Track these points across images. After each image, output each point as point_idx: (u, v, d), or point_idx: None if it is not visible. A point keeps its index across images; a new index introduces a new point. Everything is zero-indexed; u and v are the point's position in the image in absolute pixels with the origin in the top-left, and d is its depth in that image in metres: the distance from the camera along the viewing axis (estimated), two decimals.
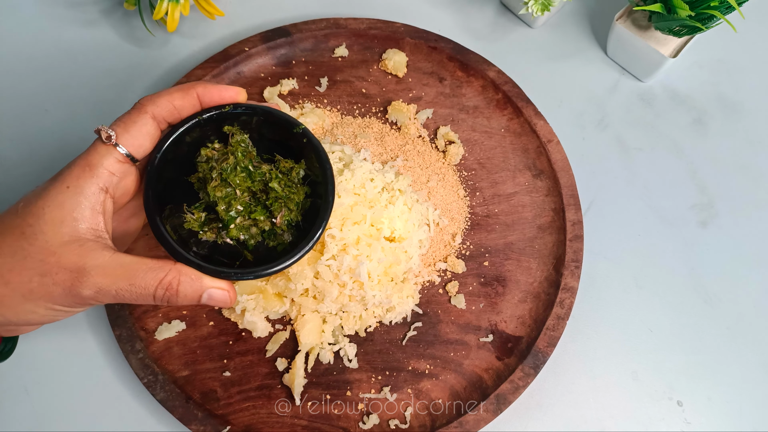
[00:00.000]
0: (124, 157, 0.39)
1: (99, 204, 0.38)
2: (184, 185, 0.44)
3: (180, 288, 0.38)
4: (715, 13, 0.57)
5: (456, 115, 0.64)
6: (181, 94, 0.41)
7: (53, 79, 0.66)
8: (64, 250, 0.37)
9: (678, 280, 0.60)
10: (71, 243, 0.37)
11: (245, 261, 0.44)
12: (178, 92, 0.41)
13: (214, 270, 0.40)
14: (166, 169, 0.42)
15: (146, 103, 0.40)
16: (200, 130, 0.43)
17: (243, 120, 0.44)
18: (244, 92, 0.43)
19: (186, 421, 0.51)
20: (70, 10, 0.70)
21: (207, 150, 0.43)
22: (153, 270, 0.38)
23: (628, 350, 0.58)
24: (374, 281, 0.53)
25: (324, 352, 0.54)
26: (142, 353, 0.53)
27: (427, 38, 0.65)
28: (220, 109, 0.42)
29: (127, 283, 0.37)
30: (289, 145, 0.45)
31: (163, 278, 0.38)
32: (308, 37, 0.65)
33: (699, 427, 0.55)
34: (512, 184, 0.61)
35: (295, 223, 0.45)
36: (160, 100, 0.40)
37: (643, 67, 0.66)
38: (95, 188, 0.38)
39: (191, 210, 0.43)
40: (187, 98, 0.41)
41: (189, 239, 0.43)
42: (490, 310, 0.57)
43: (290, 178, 0.45)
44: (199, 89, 0.41)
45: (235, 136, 0.44)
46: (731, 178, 0.65)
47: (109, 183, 0.38)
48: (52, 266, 0.36)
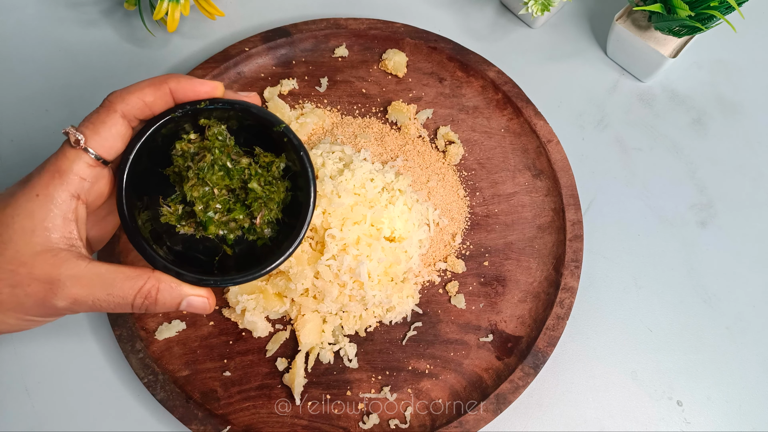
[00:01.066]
0: (94, 160, 0.37)
1: (71, 212, 0.36)
2: (159, 176, 0.42)
3: (159, 297, 0.38)
4: (714, 13, 0.57)
5: (456, 115, 0.64)
6: (153, 90, 0.38)
7: (54, 80, 0.66)
8: (36, 261, 0.35)
9: (677, 279, 0.60)
10: (44, 253, 0.35)
11: (224, 256, 0.42)
12: (150, 88, 0.38)
13: (193, 278, 0.39)
14: (140, 163, 0.39)
15: (115, 101, 0.37)
16: (175, 124, 0.41)
17: (220, 115, 0.41)
18: (221, 86, 0.40)
19: (186, 421, 0.51)
20: (70, 10, 0.70)
21: (182, 143, 0.41)
22: (131, 279, 0.37)
23: (627, 350, 0.58)
24: (374, 281, 0.53)
25: (324, 351, 0.54)
26: (143, 353, 0.53)
27: (427, 38, 0.65)
28: (195, 105, 0.39)
29: (105, 293, 0.36)
30: (270, 136, 0.42)
31: (141, 287, 0.37)
32: (308, 37, 0.65)
33: (699, 426, 0.55)
34: (512, 184, 0.61)
35: (276, 219, 0.43)
36: (131, 97, 0.37)
37: (643, 67, 0.66)
38: (66, 195, 0.36)
39: (167, 203, 0.42)
40: (159, 94, 0.38)
41: (163, 233, 0.41)
42: (490, 310, 0.57)
43: (270, 173, 0.43)
44: (172, 84, 0.38)
45: (211, 128, 0.41)
46: (730, 178, 0.65)
47: (80, 189, 0.37)
48: (24, 277, 0.35)
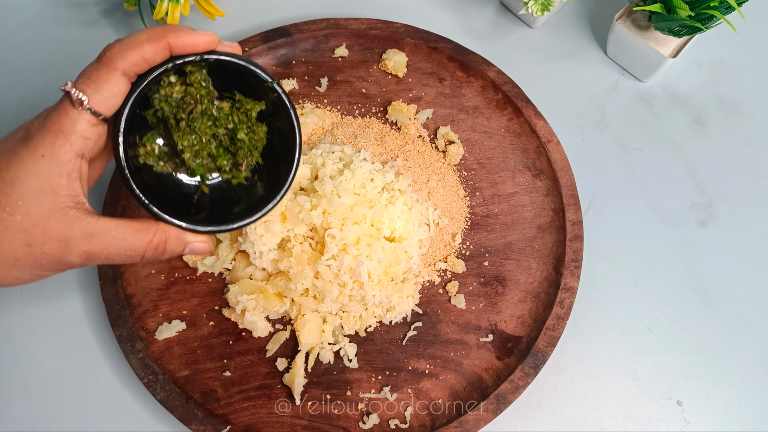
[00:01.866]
0: (97, 119, 0.37)
1: (76, 171, 0.37)
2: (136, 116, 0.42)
3: (167, 247, 0.40)
4: (714, 13, 0.57)
5: (456, 115, 0.64)
6: (152, 45, 0.37)
7: (54, 80, 0.66)
8: (49, 221, 0.36)
9: (677, 279, 0.60)
10: (54, 213, 0.36)
11: (201, 194, 0.44)
12: (149, 44, 0.37)
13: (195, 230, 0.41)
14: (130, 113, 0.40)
15: (115, 58, 0.37)
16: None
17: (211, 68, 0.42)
18: (217, 38, 0.40)
19: (186, 421, 0.51)
20: (70, 10, 0.70)
21: (165, 88, 0.41)
22: (140, 232, 0.39)
23: (627, 350, 0.58)
24: (374, 281, 0.53)
25: (324, 351, 0.54)
26: (142, 353, 0.53)
27: (427, 38, 0.65)
28: (191, 59, 0.39)
29: (116, 248, 0.38)
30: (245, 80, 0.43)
31: (151, 240, 0.39)
32: (308, 37, 0.65)
33: (699, 426, 0.55)
34: (512, 184, 0.61)
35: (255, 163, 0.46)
36: (132, 54, 0.37)
37: (643, 67, 0.66)
38: (71, 155, 0.36)
39: (144, 142, 0.42)
40: (158, 49, 0.38)
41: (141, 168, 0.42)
42: (490, 310, 0.57)
43: (249, 118, 0.44)
44: (171, 38, 0.38)
45: (194, 73, 0.41)
46: (730, 178, 0.65)
47: (84, 148, 0.37)
48: (38, 237, 0.36)
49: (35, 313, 0.57)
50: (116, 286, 0.55)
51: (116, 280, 0.55)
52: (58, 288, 0.58)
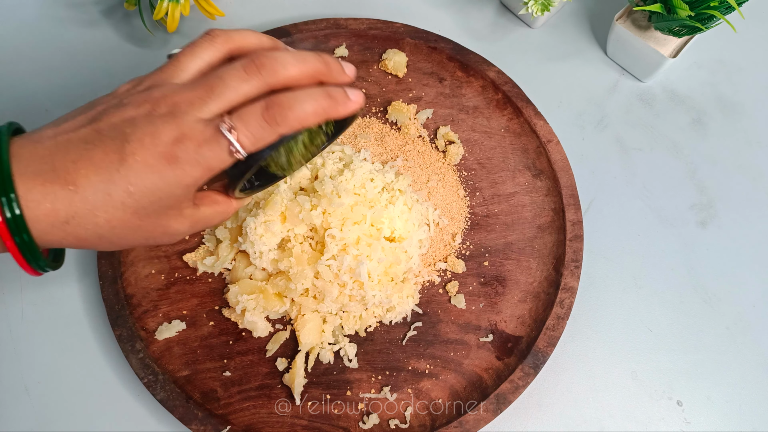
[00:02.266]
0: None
1: (202, 184, 0.40)
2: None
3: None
4: (715, 13, 0.57)
5: (456, 115, 0.64)
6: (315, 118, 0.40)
7: (53, 80, 0.66)
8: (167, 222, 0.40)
9: (677, 279, 0.60)
10: (171, 215, 0.40)
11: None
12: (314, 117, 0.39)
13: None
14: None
15: (283, 125, 0.38)
16: None
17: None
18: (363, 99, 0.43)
19: (186, 420, 0.51)
20: (70, 10, 0.70)
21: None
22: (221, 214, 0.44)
23: (627, 350, 0.58)
24: (374, 281, 0.53)
25: (324, 351, 0.54)
26: (142, 353, 0.53)
27: (427, 38, 0.65)
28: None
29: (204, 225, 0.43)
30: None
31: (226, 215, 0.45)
32: (308, 37, 0.65)
33: (699, 426, 0.55)
34: (512, 184, 0.61)
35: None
36: (296, 125, 0.39)
37: (643, 67, 0.66)
38: (204, 181, 0.39)
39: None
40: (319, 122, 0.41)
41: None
42: (490, 310, 0.57)
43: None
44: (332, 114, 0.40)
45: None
46: (730, 179, 0.65)
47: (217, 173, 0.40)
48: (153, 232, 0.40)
49: (35, 313, 0.57)
50: (116, 286, 0.55)
51: (116, 280, 0.55)
52: (58, 288, 0.58)
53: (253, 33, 0.42)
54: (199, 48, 0.41)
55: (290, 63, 0.40)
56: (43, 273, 0.40)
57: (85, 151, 0.36)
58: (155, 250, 0.57)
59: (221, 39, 0.41)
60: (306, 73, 0.41)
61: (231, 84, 0.39)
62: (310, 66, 0.41)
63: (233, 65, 0.39)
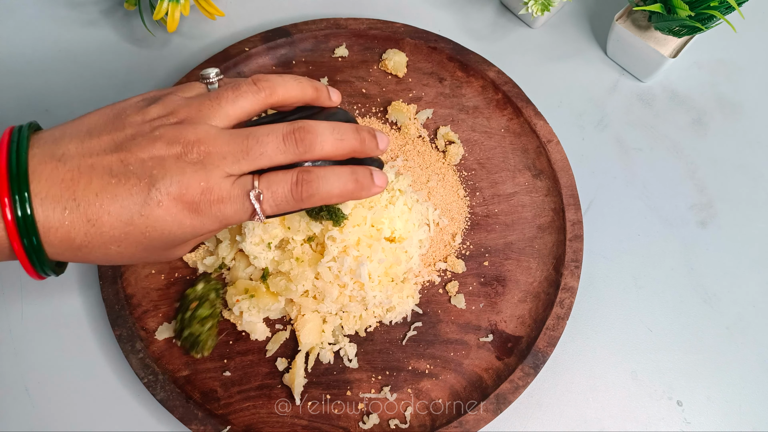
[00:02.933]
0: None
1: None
2: None
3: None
4: (715, 13, 0.57)
5: (456, 115, 0.64)
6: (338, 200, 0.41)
7: (53, 80, 0.66)
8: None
9: (677, 279, 0.60)
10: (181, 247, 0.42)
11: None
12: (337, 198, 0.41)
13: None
14: None
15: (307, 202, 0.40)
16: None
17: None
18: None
19: (186, 421, 0.51)
20: (70, 10, 0.70)
21: None
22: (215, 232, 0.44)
23: (627, 350, 0.58)
24: (375, 282, 0.53)
25: (324, 351, 0.54)
26: (142, 353, 0.53)
27: (427, 38, 0.65)
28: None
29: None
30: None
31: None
32: (308, 37, 0.65)
33: (699, 426, 0.55)
34: (512, 184, 0.61)
35: None
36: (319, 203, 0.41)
37: (643, 67, 0.66)
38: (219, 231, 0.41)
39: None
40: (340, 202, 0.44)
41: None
42: (490, 310, 0.57)
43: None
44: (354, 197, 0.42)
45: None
46: (730, 178, 0.65)
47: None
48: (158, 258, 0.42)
49: (35, 313, 0.57)
50: (116, 286, 0.55)
51: (116, 280, 0.55)
52: (58, 288, 0.58)
53: (297, 84, 0.42)
54: (242, 97, 0.40)
55: (328, 142, 0.40)
56: (46, 278, 0.40)
57: (110, 185, 0.36)
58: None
59: (266, 93, 0.41)
60: (342, 152, 0.41)
61: (268, 152, 0.39)
62: (347, 145, 0.41)
63: (274, 131, 0.39)
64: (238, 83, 0.41)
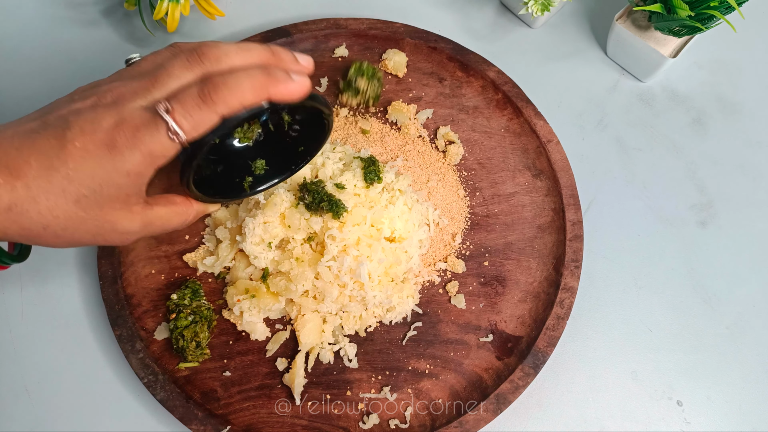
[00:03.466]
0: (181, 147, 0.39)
1: (150, 178, 0.39)
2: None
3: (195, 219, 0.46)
4: (714, 13, 0.57)
5: (456, 115, 0.64)
6: (255, 98, 0.39)
7: (54, 80, 0.66)
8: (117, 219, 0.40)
9: (677, 279, 0.60)
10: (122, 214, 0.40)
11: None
12: (252, 95, 0.38)
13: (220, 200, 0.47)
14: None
15: (220, 103, 0.38)
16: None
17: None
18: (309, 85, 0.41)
19: (186, 420, 0.51)
20: (70, 10, 0.70)
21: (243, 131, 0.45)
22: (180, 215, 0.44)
23: (627, 350, 0.58)
24: (375, 282, 0.53)
25: (324, 352, 0.54)
26: (142, 353, 0.53)
27: (427, 38, 0.65)
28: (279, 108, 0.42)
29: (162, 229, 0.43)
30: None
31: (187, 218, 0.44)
32: (308, 37, 0.65)
33: (699, 426, 0.55)
34: (512, 184, 0.61)
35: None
36: (236, 104, 0.38)
37: (643, 67, 0.66)
38: (151, 171, 0.39)
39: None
40: (259, 100, 0.39)
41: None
42: (490, 310, 0.57)
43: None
44: (272, 91, 0.39)
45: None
46: (730, 178, 0.65)
47: (162, 164, 0.39)
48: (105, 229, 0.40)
49: (35, 313, 0.57)
50: (116, 286, 0.55)
51: (116, 280, 0.55)
52: (58, 288, 0.58)
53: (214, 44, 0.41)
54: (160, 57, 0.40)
55: (233, 51, 0.40)
56: (8, 266, 0.40)
57: (29, 139, 0.37)
58: (155, 250, 0.57)
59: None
60: (250, 61, 0.40)
61: (174, 73, 0.39)
62: (255, 54, 0.40)
63: (177, 56, 0.39)
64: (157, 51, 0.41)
